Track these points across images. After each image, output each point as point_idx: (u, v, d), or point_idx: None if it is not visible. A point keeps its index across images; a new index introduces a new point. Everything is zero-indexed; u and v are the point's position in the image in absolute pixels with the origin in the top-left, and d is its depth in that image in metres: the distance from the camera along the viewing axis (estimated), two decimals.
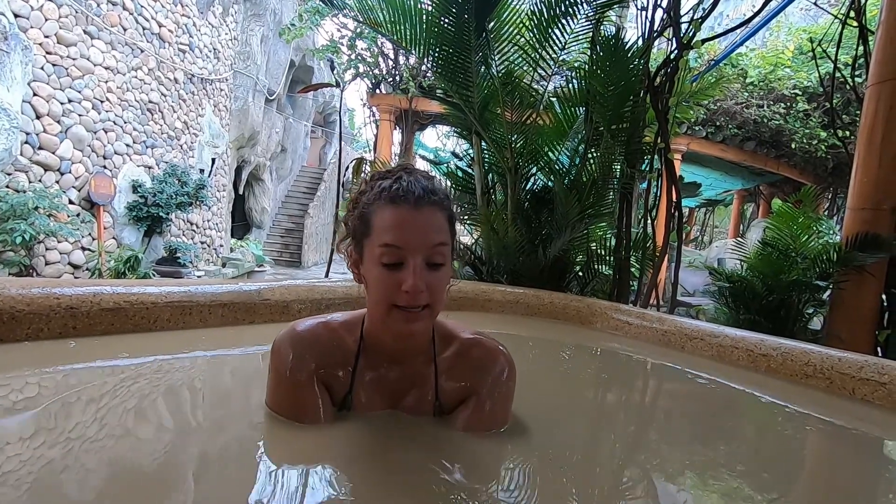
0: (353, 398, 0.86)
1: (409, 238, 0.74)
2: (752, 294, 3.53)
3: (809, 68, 7.62)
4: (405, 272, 0.73)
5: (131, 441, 0.81)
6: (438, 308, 0.79)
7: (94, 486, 0.67)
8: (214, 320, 1.49)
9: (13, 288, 1.20)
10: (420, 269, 0.74)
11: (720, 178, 10.50)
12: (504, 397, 0.89)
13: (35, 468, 0.68)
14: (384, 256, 0.74)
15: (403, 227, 0.74)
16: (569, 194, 2.83)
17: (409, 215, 0.74)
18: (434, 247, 0.75)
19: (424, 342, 0.87)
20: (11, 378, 1.05)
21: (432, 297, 0.76)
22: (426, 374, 0.88)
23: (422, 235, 0.75)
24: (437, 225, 0.76)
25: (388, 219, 0.75)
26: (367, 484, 0.73)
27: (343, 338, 0.86)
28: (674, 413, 1.39)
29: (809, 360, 1.50)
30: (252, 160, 11.59)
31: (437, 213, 0.77)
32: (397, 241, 0.74)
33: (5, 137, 4.81)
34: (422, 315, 0.76)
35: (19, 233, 4.78)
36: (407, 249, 0.74)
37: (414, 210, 0.75)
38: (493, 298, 2.19)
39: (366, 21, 3.09)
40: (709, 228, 18.06)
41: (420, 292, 0.73)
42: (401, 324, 0.76)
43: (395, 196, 0.75)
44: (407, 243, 0.74)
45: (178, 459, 0.78)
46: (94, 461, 0.73)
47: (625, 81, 2.74)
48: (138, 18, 6.71)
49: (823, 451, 1.22)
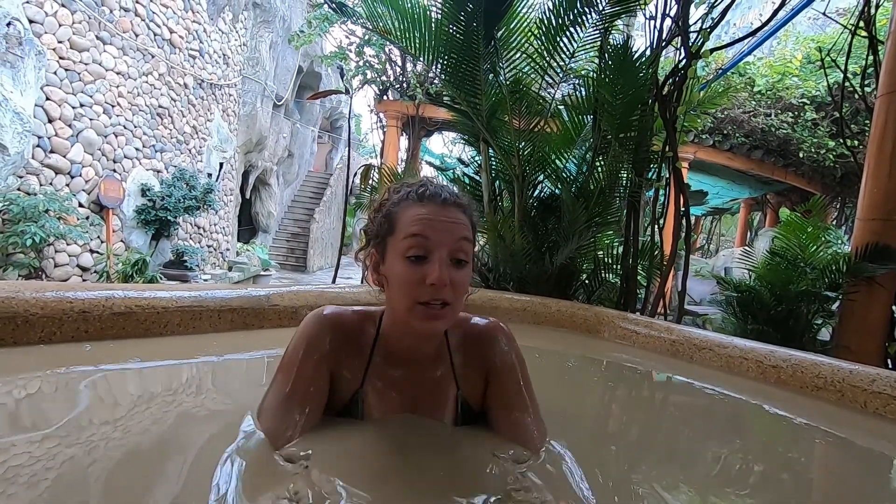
0: (363, 397, 0.84)
1: (436, 230, 0.76)
2: (760, 304, 3.51)
3: (817, 77, 7.60)
4: (430, 265, 0.74)
5: (139, 443, 0.81)
6: (458, 309, 0.79)
7: (104, 479, 0.67)
8: (224, 325, 1.50)
9: (27, 292, 1.21)
10: (445, 262, 0.75)
11: (727, 187, 10.46)
12: (519, 364, 0.91)
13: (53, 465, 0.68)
14: (410, 249, 0.75)
15: (430, 220, 0.76)
16: (576, 202, 2.82)
17: (437, 210, 0.77)
18: (459, 240, 0.77)
19: (438, 344, 0.87)
20: (28, 379, 1.06)
21: (454, 295, 0.76)
22: (444, 373, 0.88)
23: (448, 229, 0.76)
24: (462, 223, 0.78)
25: (415, 214, 0.77)
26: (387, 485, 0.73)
27: (364, 327, 0.86)
28: (681, 425, 1.38)
29: (820, 372, 1.49)
30: (259, 165, 11.67)
31: (461, 215, 0.79)
32: (424, 232, 0.75)
33: (18, 141, 4.87)
34: (443, 313, 0.76)
35: (30, 235, 4.82)
36: (433, 241, 0.75)
37: (441, 207, 0.78)
38: (501, 306, 2.19)
39: (375, 29, 3.12)
40: (715, 237, 17.98)
41: (444, 285, 0.74)
42: (422, 321, 0.76)
43: (422, 195, 0.78)
44: (434, 234, 0.75)
45: (183, 458, 0.78)
46: (106, 458, 0.73)
47: (633, 90, 2.74)
48: (150, 24, 6.80)
49: (834, 466, 1.21)
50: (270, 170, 12.35)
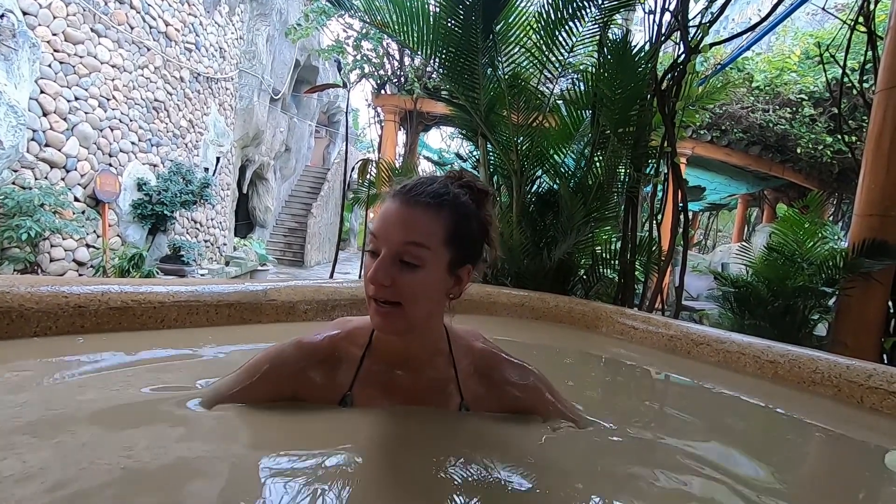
0: (351, 399, 0.84)
1: (385, 229, 0.75)
2: (757, 299, 3.52)
3: (815, 73, 7.60)
4: (377, 262, 0.75)
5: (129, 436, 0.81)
6: (414, 311, 0.76)
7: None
8: (221, 320, 1.49)
9: (22, 286, 1.20)
10: (387, 262, 0.73)
11: (724, 183, 10.48)
12: (546, 390, 0.93)
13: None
14: (368, 244, 0.78)
15: (384, 217, 0.76)
16: (574, 197, 2.82)
17: (394, 208, 0.76)
18: (404, 244, 0.74)
19: (433, 344, 0.85)
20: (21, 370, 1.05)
21: (403, 297, 0.74)
22: (445, 379, 0.86)
23: (396, 229, 0.75)
24: (419, 225, 0.75)
25: (382, 208, 0.79)
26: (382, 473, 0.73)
27: (348, 348, 0.86)
28: (677, 420, 1.38)
29: (817, 367, 1.49)
30: (256, 159, 11.62)
31: (426, 215, 0.75)
32: (375, 230, 0.76)
33: (12, 134, 4.83)
34: (390, 312, 0.75)
35: (25, 229, 4.80)
36: (380, 239, 0.75)
37: (400, 205, 0.76)
38: (499, 301, 2.19)
39: (373, 22, 3.10)
40: (712, 232, 18.02)
41: (382, 285, 0.73)
42: (374, 317, 0.76)
43: (397, 191, 0.78)
44: (382, 233, 0.75)
45: (179, 451, 0.77)
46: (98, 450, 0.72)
47: (632, 85, 2.73)
48: (145, 17, 6.74)
49: (830, 461, 1.21)
50: (267, 164, 12.30)
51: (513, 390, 0.89)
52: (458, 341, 0.89)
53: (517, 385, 0.89)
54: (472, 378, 0.87)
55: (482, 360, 0.89)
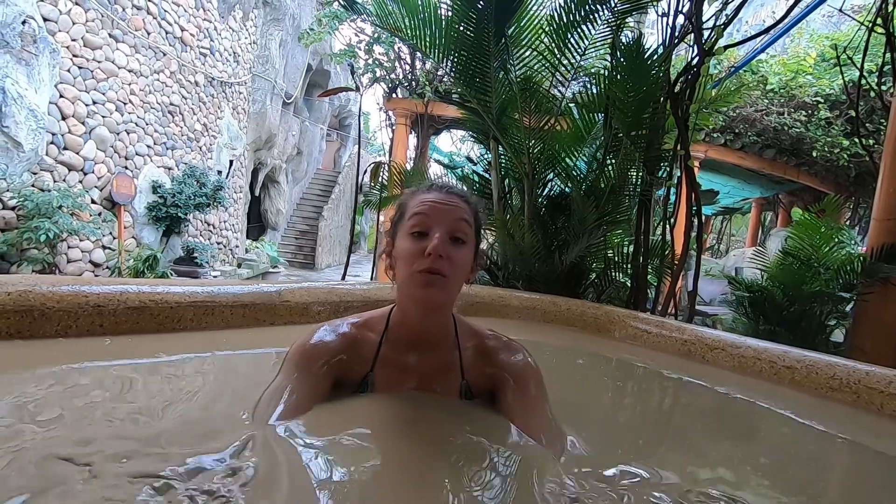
0: (372, 379, 0.91)
1: (436, 210, 0.86)
2: (773, 304, 3.47)
3: (832, 75, 7.48)
4: (429, 239, 0.83)
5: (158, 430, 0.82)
6: (455, 283, 0.86)
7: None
8: (236, 321, 1.51)
9: (43, 285, 1.23)
10: (443, 237, 0.83)
11: (738, 186, 10.35)
12: (536, 380, 0.95)
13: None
14: (414, 227, 0.85)
15: (432, 202, 0.87)
16: (586, 200, 2.81)
17: (438, 196, 0.88)
18: (457, 220, 0.86)
19: (445, 327, 0.94)
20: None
21: (451, 269, 0.83)
22: (450, 362, 0.94)
23: (447, 211, 0.86)
24: (461, 208, 0.88)
25: (420, 199, 0.88)
26: (391, 457, 0.75)
27: (366, 333, 0.93)
28: (693, 426, 1.36)
29: (835, 373, 1.47)
30: (268, 162, 11.73)
31: (463, 204, 0.89)
32: (426, 211, 0.85)
33: (32, 138, 4.93)
34: (439, 282, 0.83)
35: (44, 231, 4.89)
36: (433, 219, 0.85)
37: (443, 193, 0.88)
38: (511, 304, 2.18)
39: (385, 26, 3.12)
40: (725, 237, 17.80)
41: (441, 256, 0.81)
42: (420, 289, 0.83)
43: (429, 188, 0.91)
44: (434, 213, 0.85)
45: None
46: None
47: (645, 87, 2.72)
48: (161, 22, 6.85)
49: (848, 469, 1.19)
50: (280, 167, 12.41)
51: (504, 373, 0.94)
52: (462, 325, 0.97)
53: (510, 367, 0.95)
54: (473, 359, 0.95)
55: (485, 342, 0.97)
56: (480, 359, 0.95)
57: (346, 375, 0.90)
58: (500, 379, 0.94)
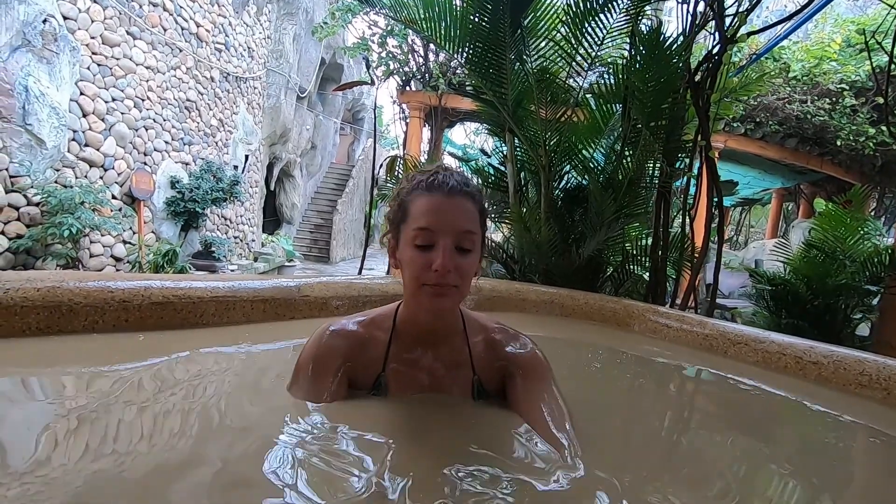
0: (385, 380, 0.90)
1: (441, 222, 0.81)
2: (795, 297, 3.40)
3: (857, 61, 7.24)
4: (435, 253, 0.80)
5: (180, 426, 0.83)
6: (465, 290, 0.85)
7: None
8: (256, 315, 1.52)
9: (71, 281, 1.25)
10: (449, 251, 0.80)
11: (758, 177, 10.13)
12: (543, 371, 0.94)
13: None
14: (417, 238, 0.82)
15: (436, 211, 0.82)
16: (604, 193, 2.77)
17: (442, 202, 0.82)
18: (463, 232, 0.82)
19: (454, 324, 0.93)
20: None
21: (460, 279, 0.82)
22: (461, 357, 0.93)
23: (452, 220, 0.82)
24: (467, 213, 0.84)
25: (423, 205, 0.83)
26: (405, 460, 0.75)
27: (374, 332, 0.93)
28: (715, 421, 1.34)
29: (864, 369, 1.43)
30: (283, 157, 11.81)
31: (468, 203, 0.84)
32: (429, 225, 0.81)
33: (55, 135, 5.03)
34: (449, 292, 0.82)
35: (67, 226, 4.99)
36: (438, 232, 0.81)
37: (446, 197, 0.83)
38: (528, 298, 2.17)
39: (399, 18, 3.10)
40: (744, 228, 17.48)
41: (448, 272, 0.80)
42: (429, 299, 0.82)
43: (431, 185, 0.84)
44: (438, 226, 0.81)
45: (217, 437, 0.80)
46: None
47: (665, 77, 2.66)
48: (177, 19, 6.91)
49: (880, 467, 1.16)
50: (294, 162, 12.49)
51: (512, 364, 0.94)
52: (469, 319, 0.97)
53: (517, 358, 0.94)
54: (483, 353, 0.94)
55: (492, 335, 0.96)
56: (489, 352, 0.95)
57: (358, 378, 0.91)
58: (509, 371, 0.94)
